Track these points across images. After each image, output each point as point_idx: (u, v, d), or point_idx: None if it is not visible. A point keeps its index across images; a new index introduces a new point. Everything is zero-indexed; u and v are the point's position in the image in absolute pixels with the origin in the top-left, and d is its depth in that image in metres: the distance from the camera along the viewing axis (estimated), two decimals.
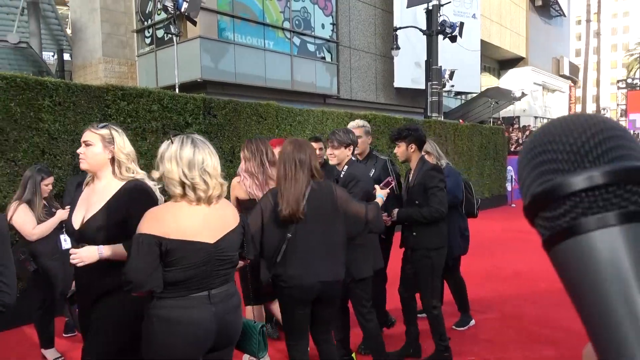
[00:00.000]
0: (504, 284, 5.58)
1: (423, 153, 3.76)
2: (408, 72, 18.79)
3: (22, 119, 4.50)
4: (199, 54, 13.54)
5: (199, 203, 1.88)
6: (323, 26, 16.86)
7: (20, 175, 4.18)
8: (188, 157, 1.84)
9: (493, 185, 12.69)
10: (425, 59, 14.33)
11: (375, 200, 2.94)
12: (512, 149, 16.99)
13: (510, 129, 20.31)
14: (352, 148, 3.32)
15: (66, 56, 18.00)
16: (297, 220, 2.49)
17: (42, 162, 4.46)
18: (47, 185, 3.64)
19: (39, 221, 3.53)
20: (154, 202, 2.17)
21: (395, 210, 3.41)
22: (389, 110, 15.72)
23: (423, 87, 15.30)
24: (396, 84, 19.01)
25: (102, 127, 2.23)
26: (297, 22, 16.01)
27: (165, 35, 14.62)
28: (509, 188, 13.65)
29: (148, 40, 15.70)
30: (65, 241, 3.90)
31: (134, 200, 2.13)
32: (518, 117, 26.02)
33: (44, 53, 15.20)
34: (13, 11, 13.00)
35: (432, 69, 13.79)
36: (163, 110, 5.59)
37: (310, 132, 7.63)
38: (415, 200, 3.37)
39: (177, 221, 1.84)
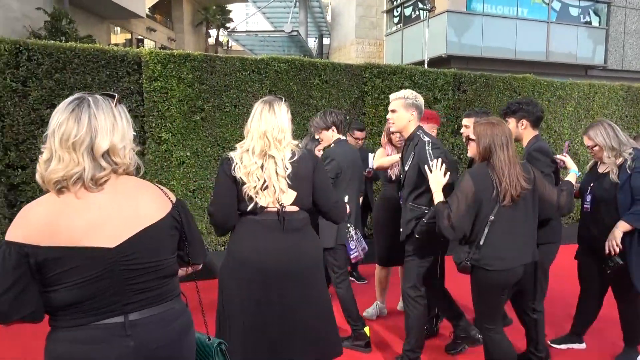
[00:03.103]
0: None
1: (598, 146, 2.99)
2: None
3: (297, 96, 5.25)
4: (444, 29, 13.30)
5: (58, 191, 1.33)
6: None
7: None
8: (53, 120, 1.35)
9: None
10: None
11: (567, 179, 2.82)
12: None
13: None
14: (334, 129, 3.40)
15: (324, 40, 20.19)
16: (514, 202, 2.45)
17: (310, 135, 5.11)
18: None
19: None
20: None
21: None
22: None
23: None
24: None
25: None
26: None
27: (412, 12, 14.86)
28: None
29: (396, 20, 16.22)
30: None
31: None
32: None
33: (308, 39, 17.38)
34: (288, 5, 15.19)
35: None
36: (414, 86, 5.70)
37: (573, 109, 6.68)
38: None
39: (54, 219, 1.30)
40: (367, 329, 3.33)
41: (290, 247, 2.18)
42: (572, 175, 2.84)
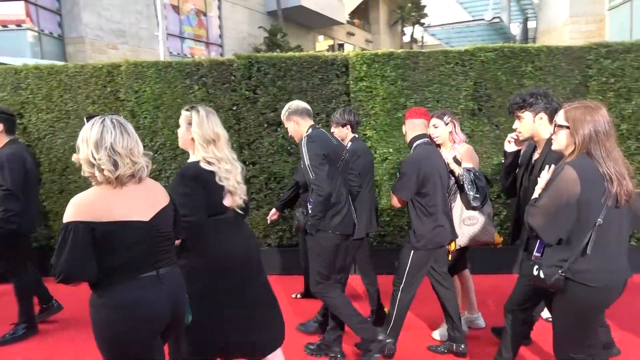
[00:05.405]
0: None
1: None
2: None
3: (506, 86, 4.88)
4: None
5: (117, 184, 1.88)
6: None
7: (502, 138, 4.58)
8: (95, 138, 1.86)
9: None
10: None
11: None
12: None
13: None
14: (348, 127, 3.76)
15: (530, 24, 18.36)
16: (623, 203, 2.06)
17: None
18: None
19: None
20: (186, 187, 2.29)
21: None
22: None
23: None
24: None
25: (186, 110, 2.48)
26: None
27: None
28: None
29: None
30: None
31: (173, 185, 2.33)
32: None
33: (510, 24, 16.06)
34: None
35: None
36: None
37: None
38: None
39: (106, 204, 1.85)
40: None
41: (248, 238, 2.54)
42: None
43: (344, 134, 3.75)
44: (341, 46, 27.56)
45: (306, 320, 3.84)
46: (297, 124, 3.20)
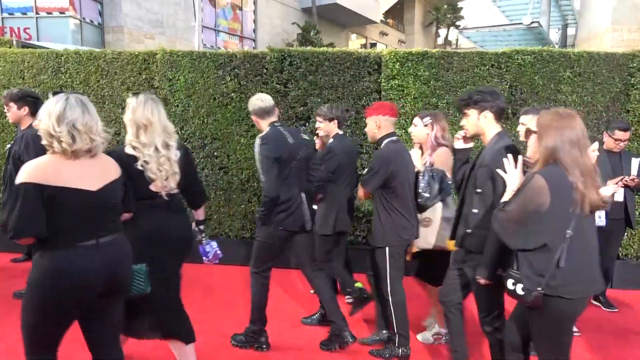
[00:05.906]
0: None
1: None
2: None
3: (542, 91, 4.76)
4: None
5: (72, 156, 2.00)
6: None
7: None
8: (58, 112, 1.99)
9: None
10: None
11: None
12: None
13: None
14: (335, 122, 3.73)
15: (569, 31, 17.87)
16: (588, 213, 2.05)
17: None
18: None
19: None
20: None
21: None
22: None
23: None
24: None
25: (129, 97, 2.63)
26: None
27: None
28: None
29: None
30: None
31: None
32: None
33: (549, 30, 15.65)
34: None
35: None
36: None
37: None
38: (478, 189, 2.55)
39: (57, 170, 1.98)
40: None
41: (179, 226, 2.64)
42: None
43: (330, 128, 3.77)
44: (373, 45, 27.39)
45: (310, 314, 3.89)
46: (257, 123, 3.31)
